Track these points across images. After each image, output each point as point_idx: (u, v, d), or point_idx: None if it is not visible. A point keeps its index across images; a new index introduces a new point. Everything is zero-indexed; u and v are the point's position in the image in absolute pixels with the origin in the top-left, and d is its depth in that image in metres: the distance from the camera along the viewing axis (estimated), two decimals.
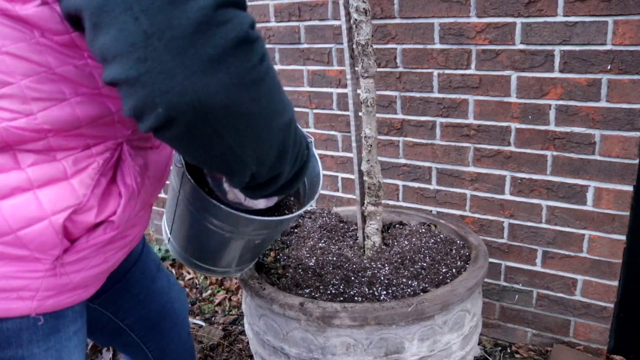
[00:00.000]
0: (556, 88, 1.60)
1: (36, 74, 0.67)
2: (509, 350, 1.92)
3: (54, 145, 0.72)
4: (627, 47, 1.47)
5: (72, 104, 0.71)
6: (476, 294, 1.25)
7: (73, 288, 0.82)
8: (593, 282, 1.73)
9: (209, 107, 0.55)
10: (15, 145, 0.70)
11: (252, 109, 0.58)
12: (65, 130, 0.72)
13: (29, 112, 0.68)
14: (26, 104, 0.68)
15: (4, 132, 0.68)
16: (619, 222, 1.63)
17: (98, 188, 0.77)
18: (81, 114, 0.72)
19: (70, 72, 0.69)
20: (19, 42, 0.65)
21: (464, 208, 1.88)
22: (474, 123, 1.76)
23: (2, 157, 0.70)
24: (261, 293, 1.18)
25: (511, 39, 1.61)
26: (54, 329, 0.84)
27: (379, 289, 1.23)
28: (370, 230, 1.44)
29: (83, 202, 0.75)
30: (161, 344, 1.26)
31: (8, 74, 0.66)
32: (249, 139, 0.60)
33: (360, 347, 1.10)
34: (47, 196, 0.72)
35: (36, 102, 0.69)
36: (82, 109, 0.72)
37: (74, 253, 0.78)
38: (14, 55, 0.66)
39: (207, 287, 2.52)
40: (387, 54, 1.84)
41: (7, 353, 0.79)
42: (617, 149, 1.56)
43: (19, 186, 0.71)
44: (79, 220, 0.75)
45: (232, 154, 0.61)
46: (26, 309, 0.77)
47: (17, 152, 0.71)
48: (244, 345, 2.04)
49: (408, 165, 1.94)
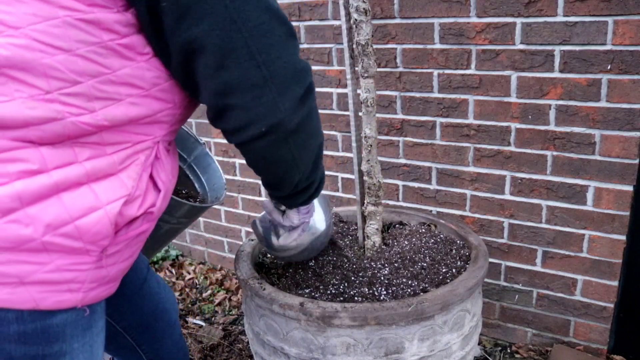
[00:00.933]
0: (556, 88, 1.60)
1: (101, 75, 0.75)
2: (509, 350, 1.92)
3: (105, 139, 0.79)
4: (627, 47, 1.47)
5: (126, 104, 0.79)
6: (476, 294, 1.25)
7: (109, 281, 0.86)
8: (593, 282, 1.73)
9: (292, 128, 0.83)
10: (75, 138, 0.76)
11: (311, 130, 0.88)
12: (118, 126, 0.79)
13: (92, 109, 0.76)
14: (90, 102, 0.75)
15: (71, 126, 0.74)
16: (619, 222, 1.63)
17: (141, 182, 0.84)
18: (132, 113, 0.80)
19: (127, 74, 0.77)
20: (91, 46, 0.73)
21: (464, 208, 1.88)
22: (474, 123, 1.76)
23: (63, 151, 0.76)
24: (261, 293, 1.18)
25: (511, 39, 1.61)
26: (89, 324, 0.87)
27: (379, 289, 1.23)
28: (370, 230, 1.44)
29: (132, 193, 0.81)
30: (155, 345, 1.26)
31: (79, 74, 0.73)
32: (304, 151, 0.89)
33: (360, 347, 1.10)
34: (101, 188, 0.79)
35: (99, 100, 0.76)
36: (134, 109, 0.80)
37: (115, 245, 0.83)
38: (85, 57, 0.73)
39: (207, 287, 2.52)
40: (387, 54, 1.84)
41: (54, 348, 0.82)
42: (617, 149, 1.56)
43: (78, 180, 0.77)
44: (127, 211, 0.81)
45: (292, 162, 0.88)
46: (74, 300, 0.81)
47: (75, 145, 0.77)
48: (244, 345, 2.04)
49: (408, 165, 1.94)
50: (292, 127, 0.82)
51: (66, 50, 0.72)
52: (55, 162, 0.75)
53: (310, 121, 0.86)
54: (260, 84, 0.78)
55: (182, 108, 0.87)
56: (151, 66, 0.79)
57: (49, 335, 0.80)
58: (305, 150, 0.89)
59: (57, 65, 0.71)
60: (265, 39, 0.77)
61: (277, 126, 0.81)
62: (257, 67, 0.77)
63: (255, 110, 0.79)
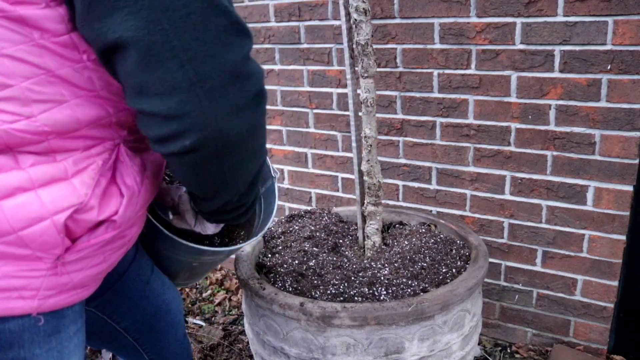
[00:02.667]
0: (556, 88, 1.60)
1: (36, 76, 0.68)
2: (509, 350, 1.92)
3: (54, 147, 0.73)
4: (627, 47, 1.47)
5: (71, 105, 0.72)
6: (476, 294, 1.25)
7: (73, 287, 0.82)
8: (593, 282, 1.73)
9: (226, 143, 0.68)
10: (16, 147, 0.70)
11: (252, 146, 0.73)
12: (65, 132, 0.73)
13: (30, 115, 0.69)
14: (27, 107, 0.69)
15: (5, 134, 0.68)
16: (619, 222, 1.63)
17: (98, 188, 0.77)
18: (80, 116, 0.73)
19: (69, 74, 0.70)
20: (19, 45, 0.66)
21: (464, 208, 1.88)
22: (474, 123, 1.76)
23: (2, 158, 0.70)
24: (261, 293, 1.18)
25: (511, 39, 1.61)
26: (55, 329, 0.84)
27: (379, 289, 1.23)
28: (370, 230, 1.44)
29: (85, 202, 0.75)
30: (157, 345, 1.25)
31: (8, 76, 0.67)
32: (239, 170, 0.75)
33: (360, 347, 1.10)
34: (49, 196, 0.72)
35: (37, 104, 0.69)
36: (82, 111, 0.73)
37: (76, 252, 0.78)
38: (13, 57, 0.66)
39: (207, 287, 2.52)
40: (387, 54, 1.84)
41: (8, 355, 0.79)
42: (617, 149, 1.56)
43: (20, 186, 0.71)
44: (81, 219, 0.75)
45: (222, 180, 0.75)
46: (27, 308, 0.77)
47: (18, 153, 0.71)
48: (244, 345, 2.04)
49: (408, 165, 1.94)
50: (226, 142, 0.68)
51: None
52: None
53: (251, 138, 0.71)
54: (184, 87, 0.64)
55: None
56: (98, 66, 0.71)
57: (1, 341, 0.77)
58: (240, 172, 0.76)
59: None
60: (194, 33, 0.63)
61: (205, 141, 0.67)
62: (180, 66, 0.63)
63: (179, 120, 0.65)
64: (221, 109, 0.66)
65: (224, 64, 0.65)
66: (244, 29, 0.68)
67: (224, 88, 0.65)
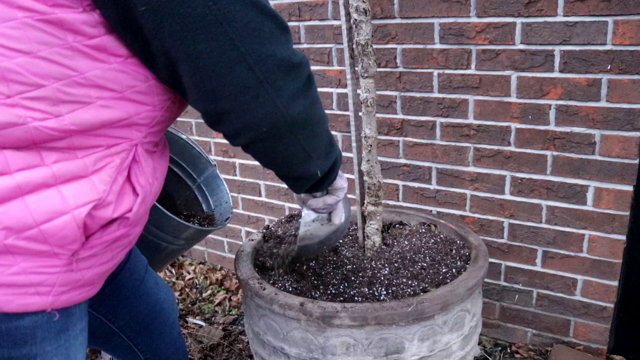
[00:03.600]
0: (556, 88, 1.60)
1: (67, 78, 0.72)
2: (509, 350, 1.92)
3: (76, 144, 0.76)
4: (627, 47, 1.47)
5: (97, 107, 0.75)
6: (476, 294, 1.25)
7: (83, 284, 0.84)
8: (593, 282, 1.73)
9: (295, 122, 0.80)
10: (41, 143, 0.73)
11: (316, 118, 0.85)
12: (88, 130, 0.76)
13: (58, 114, 0.73)
14: (56, 106, 0.72)
15: (34, 131, 0.72)
16: (619, 222, 1.63)
17: (115, 185, 0.80)
18: (104, 117, 0.76)
19: (97, 76, 0.74)
20: (54, 47, 0.70)
21: (464, 208, 1.88)
22: (474, 123, 1.76)
23: (28, 154, 0.73)
24: (261, 293, 1.18)
25: (511, 39, 1.61)
26: (64, 327, 0.85)
27: (379, 289, 1.23)
28: (370, 230, 1.44)
29: (103, 198, 0.78)
30: (152, 345, 1.26)
31: (42, 77, 0.70)
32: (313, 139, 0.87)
33: (360, 347, 1.10)
34: (70, 191, 0.75)
35: (65, 104, 0.73)
36: (106, 112, 0.76)
37: (88, 249, 0.80)
38: (48, 59, 0.70)
39: (207, 287, 2.52)
40: (387, 54, 1.84)
41: (22, 351, 0.80)
42: (617, 149, 1.56)
43: (44, 182, 0.74)
44: (98, 215, 0.78)
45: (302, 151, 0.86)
46: (43, 304, 0.79)
47: (42, 150, 0.74)
48: (244, 345, 2.04)
49: (408, 165, 1.94)
50: (294, 121, 0.80)
51: (26, 52, 0.69)
52: (18, 164, 0.72)
53: (313, 110, 0.84)
54: (254, 85, 0.74)
55: (162, 110, 0.83)
56: (126, 68, 0.76)
57: (16, 338, 0.78)
58: (313, 140, 0.87)
59: (17, 69, 0.69)
60: (254, 38, 0.73)
61: (278, 124, 0.79)
62: (249, 69, 0.73)
63: (252, 112, 0.76)
64: (285, 96, 0.77)
65: (281, 59, 0.76)
66: (286, 26, 0.79)
67: (284, 79, 0.77)
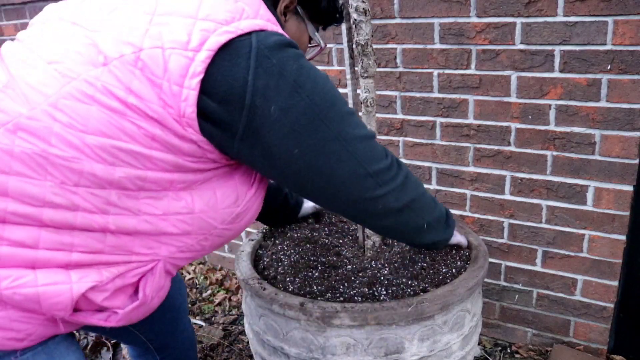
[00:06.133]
0: (556, 88, 1.60)
1: (127, 190, 0.78)
2: (509, 350, 1.92)
3: (107, 242, 0.81)
4: (627, 47, 1.47)
5: (139, 220, 0.81)
6: (476, 294, 1.25)
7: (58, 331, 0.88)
8: (593, 282, 1.73)
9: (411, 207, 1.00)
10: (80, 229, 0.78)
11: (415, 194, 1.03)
12: (124, 233, 0.81)
13: (106, 212, 0.78)
14: (107, 206, 0.78)
15: (81, 219, 0.77)
16: (619, 222, 1.63)
17: (120, 279, 0.84)
18: (141, 228, 0.82)
19: (149, 198, 0.80)
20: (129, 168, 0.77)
21: (464, 208, 1.88)
22: (474, 123, 1.76)
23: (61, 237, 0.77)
24: (261, 293, 1.18)
25: (511, 39, 1.61)
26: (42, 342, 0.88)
27: (379, 289, 1.23)
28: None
29: (103, 282, 0.81)
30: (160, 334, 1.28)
31: (109, 183, 0.76)
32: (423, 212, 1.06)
33: (360, 347, 1.10)
34: (76, 274, 0.80)
35: (115, 208, 0.79)
36: (144, 225, 0.82)
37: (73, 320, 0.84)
38: (122, 175, 0.77)
39: (207, 287, 2.52)
40: (387, 54, 1.84)
41: None
42: (617, 149, 1.56)
43: (59, 264, 0.78)
44: (90, 296, 0.81)
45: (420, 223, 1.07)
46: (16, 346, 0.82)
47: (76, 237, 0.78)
48: (244, 345, 2.04)
49: (408, 165, 1.94)
50: (412, 206, 1.00)
51: (109, 163, 0.75)
52: (47, 244, 0.77)
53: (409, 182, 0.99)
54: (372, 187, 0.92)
55: (194, 241, 0.88)
56: (178, 196, 0.82)
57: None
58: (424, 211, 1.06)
59: (94, 171, 0.75)
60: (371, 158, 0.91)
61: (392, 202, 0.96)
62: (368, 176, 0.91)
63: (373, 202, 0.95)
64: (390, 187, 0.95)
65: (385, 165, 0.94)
66: (374, 136, 0.96)
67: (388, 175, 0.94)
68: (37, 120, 0.73)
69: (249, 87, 0.74)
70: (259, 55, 0.75)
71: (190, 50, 0.73)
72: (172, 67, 0.73)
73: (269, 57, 0.75)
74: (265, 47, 0.75)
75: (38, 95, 0.74)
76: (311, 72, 0.81)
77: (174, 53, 0.73)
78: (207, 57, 0.73)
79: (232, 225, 0.91)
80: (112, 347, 2.07)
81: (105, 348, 2.08)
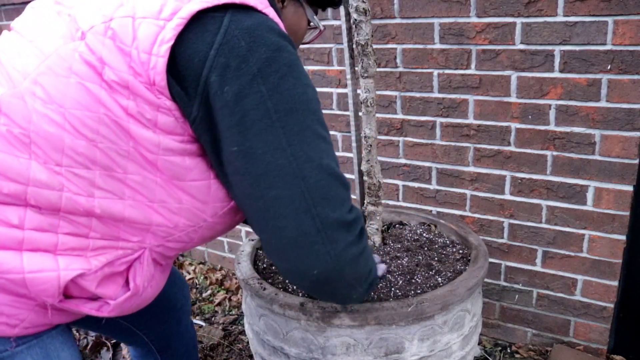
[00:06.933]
0: (556, 88, 1.60)
1: (112, 171, 0.77)
2: (509, 350, 1.92)
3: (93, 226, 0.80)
4: (627, 47, 1.47)
5: (126, 204, 0.80)
6: (476, 294, 1.25)
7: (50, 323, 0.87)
8: (593, 282, 1.73)
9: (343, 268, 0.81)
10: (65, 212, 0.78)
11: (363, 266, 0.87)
12: (109, 219, 0.80)
13: (91, 194, 0.78)
14: (92, 188, 0.77)
15: (65, 200, 0.77)
16: (619, 222, 1.63)
17: (109, 267, 0.83)
18: (128, 214, 0.80)
19: (137, 181, 0.78)
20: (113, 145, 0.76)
21: (464, 208, 1.88)
22: (474, 123, 1.76)
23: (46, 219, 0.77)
24: (261, 293, 1.18)
25: (511, 39, 1.61)
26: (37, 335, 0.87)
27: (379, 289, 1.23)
28: (370, 230, 1.44)
29: (91, 270, 0.80)
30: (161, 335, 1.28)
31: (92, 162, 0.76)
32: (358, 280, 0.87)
33: (360, 347, 1.10)
34: (64, 260, 0.79)
35: (100, 190, 0.78)
36: (130, 211, 0.80)
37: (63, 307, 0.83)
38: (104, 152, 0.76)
39: (207, 287, 2.52)
40: (387, 54, 1.84)
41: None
42: (617, 149, 1.56)
43: (47, 248, 0.78)
44: (81, 283, 0.81)
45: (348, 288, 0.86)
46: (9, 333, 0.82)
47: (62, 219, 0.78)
48: (244, 345, 2.04)
49: (408, 165, 1.94)
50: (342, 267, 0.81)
51: (90, 139, 0.74)
52: (33, 223, 0.76)
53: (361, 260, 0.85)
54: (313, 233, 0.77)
55: (182, 232, 0.86)
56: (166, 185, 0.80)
57: None
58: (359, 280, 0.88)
59: (76, 148, 0.74)
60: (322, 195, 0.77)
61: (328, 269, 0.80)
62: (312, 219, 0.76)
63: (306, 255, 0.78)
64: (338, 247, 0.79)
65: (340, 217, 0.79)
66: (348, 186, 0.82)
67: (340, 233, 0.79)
68: (18, 99, 0.74)
69: (208, 61, 0.72)
70: (228, 34, 0.72)
71: (161, 19, 0.72)
72: (141, 35, 0.72)
73: (238, 37, 0.72)
74: (237, 28, 0.72)
75: (19, 75, 0.75)
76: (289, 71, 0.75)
77: (144, 22, 0.72)
78: (178, 24, 0.71)
79: (223, 220, 0.88)
80: (112, 347, 2.07)
81: (105, 348, 2.08)
